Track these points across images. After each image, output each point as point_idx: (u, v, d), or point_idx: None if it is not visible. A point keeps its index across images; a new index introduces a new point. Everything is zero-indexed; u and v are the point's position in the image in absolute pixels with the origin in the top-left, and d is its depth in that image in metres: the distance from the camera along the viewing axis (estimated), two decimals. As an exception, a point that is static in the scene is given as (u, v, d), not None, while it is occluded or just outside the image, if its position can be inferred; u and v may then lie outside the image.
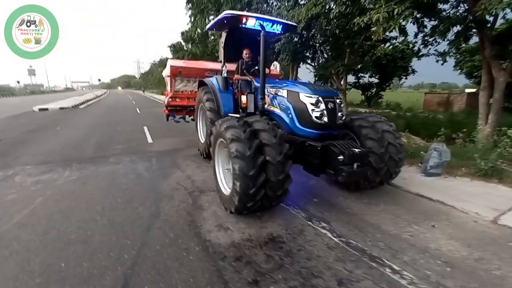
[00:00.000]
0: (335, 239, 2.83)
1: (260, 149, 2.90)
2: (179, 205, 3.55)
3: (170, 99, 6.61)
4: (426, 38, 9.17)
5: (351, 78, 27.28)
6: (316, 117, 3.31)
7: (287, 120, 3.66)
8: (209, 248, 2.62)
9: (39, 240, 2.75)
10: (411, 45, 20.48)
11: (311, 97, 3.35)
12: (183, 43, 25.23)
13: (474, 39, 8.72)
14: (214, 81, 5.27)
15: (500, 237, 2.94)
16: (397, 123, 13.17)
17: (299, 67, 18.41)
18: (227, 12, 4.54)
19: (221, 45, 5.51)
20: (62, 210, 3.41)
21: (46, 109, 15.46)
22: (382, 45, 21.08)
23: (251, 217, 3.23)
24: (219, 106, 4.94)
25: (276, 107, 3.89)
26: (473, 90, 27.37)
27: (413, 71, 24.33)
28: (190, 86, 6.80)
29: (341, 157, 3.00)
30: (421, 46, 10.25)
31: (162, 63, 45.89)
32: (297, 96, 3.48)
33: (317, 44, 13.87)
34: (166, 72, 6.73)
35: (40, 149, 6.41)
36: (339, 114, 3.45)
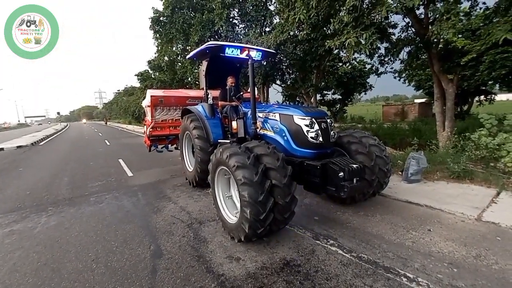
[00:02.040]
0: (346, 255, 2.88)
1: (265, 173, 2.94)
2: (181, 240, 3.38)
3: (151, 129, 6.43)
4: (381, 58, 10.23)
5: (317, 96, 28.89)
6: (312, 137, 3.46)
7: (282, 142, 3.77)
8: (225, 283, 2.51)
9: (30, 301, 2.42)
10: (366, 65, 22.58)
11: (304, 118, 3.52)
12: (150, 71, 24.99)
13: (424, 57, 9.95)
14: (200, 108, 5.29)
15: (487, 233, 3.23)
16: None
17: (269, 88, 19.20)
18: (210, 43, 4.70)
19: (202, 73, 5.61)
20: (48, 262, 3.05)
21: (1, 149, 13.96)
22: (343, 65, 22.94)
23: (260, 244, 3.18)
24: (208, 133, 4.94)
25: (270, 131, 3.99)
26: (423, 100, 30.49)
27: (371, 87, 26.58)
28: (170, 114, 6.71)
29: (341, 173, 3.14)
30: (379, 66, 11.41)
31: (128, 92, 44.61)
32: (291, 118, 3.63)
33: (284, 67, 14.69)
34: (146, 102, 6.60)
35: (4, 195, 5.74)
36: (332, 133, 3.66)
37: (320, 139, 3.49)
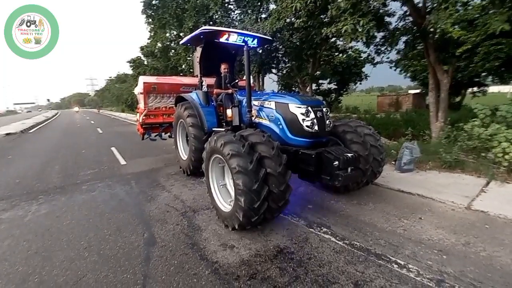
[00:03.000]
0: (339, 242, 2.92)
1: (260, 162, 2.92)
2: (175, 228, 3.37)
3: (144, 117, 6.30)
4: (378, 47, 10.14)
5: (312, 86, 28.79)
6: (307, 126, 3.43)
7: (277, 130, 3.73)
8: (219, 270, 2.52)
9: (21, 291, 2.40)
10: (362, 54, 22.42)
11: (300, 107, 3.47)
12: (143, 58, 24.38)
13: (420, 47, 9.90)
14: (194, 96, 5.19)
15: (476, 221, 3.30)
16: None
17: (265, 76, 18.98)
18: (204, 28, 4.56)
19: (196, 60, 5.47)
20: (39, 251, 3.01)
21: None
22: (339, 54, 22.77)
23: (254, 232, 3.19)
24: (202, 122, 4.87)
25: (265, 119, 3.95)
26: (417, 91, 30.64)
27: (366, 77, 26.53)
28: (164, 102, 6.58)
29: (336, 162, 3.14)
30: (375, 55, 11.32)
31: (120, 79, 43.57)
32: (287, 107, 3.58)
33: (280, 55, 14.49)
34: (138, 89, 6.43)
35: (-6, 183, 5.62)
36: (327, 121, 3.63)
37: (316, 128, 3.47)
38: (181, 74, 17.83)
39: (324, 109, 3.66)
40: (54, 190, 5.05)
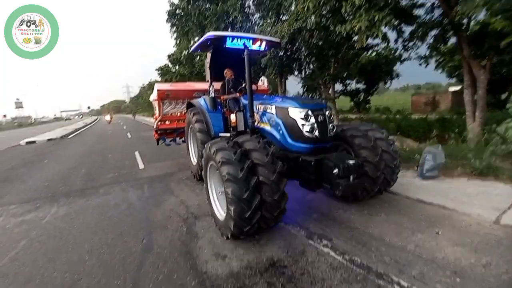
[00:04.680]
0: (338, 257, 2.69)
1: (253, 169, 2.81)
2: (173, 235, 3.38)
3: (159, 123, 6.51)
4: (405, 43, 9.46)
5: (338, 86, 27.90)
6: (307, 131, 3.25)
7: (278, 136, 3.59)
8: (206, 282, 2.45)
9: (21, 291, 2.53)
10: (393, 51, 21.18)
11: (300, 111, 3.30)
12: (170, 65, 25.49)
13: (452, 41, 9.04)
14: (202, 101, 5.23)
15: (504, 238, 2.86)
16: (387, 127, 13.25)
17: (287, 79, 18.74)
18: (210, 34, 4.58)
19: (207, 65, 5.51)
20: (47, 252, 3.19)
21: (34, 141, 15.09)
22: (366, 53, 21.79)
23: (250, 241, 3.07)
24: (208, 127, 4.87)
25: (266, 124, 3.83)
26: (457, 88, 28.20)
27: (397, 75, 24.98)
28: (178, 108, 6.74)
29: (336, 170, 2.92)
30: (402, 51, 10.59)
31: (151, 86, 46.10)
32: (286, 111, 3.43)
33: (303, 57, 14.19)
34: (153, 96, 6.67)
35: (25, 186, 6.15)
36: (330, 126, 3.41)
37: (316, 133, 3.27)
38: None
39: (327, 113, 3.44)
40: (75, 193, 5.39)
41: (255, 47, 4.52)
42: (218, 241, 3.13)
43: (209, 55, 5.39)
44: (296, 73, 16.25)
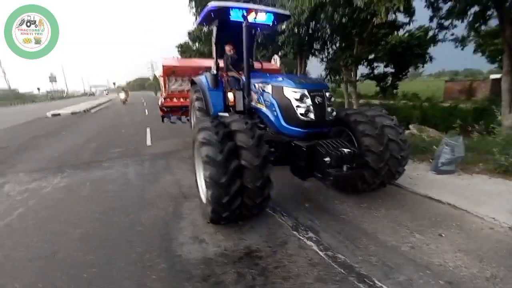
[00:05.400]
0: (320, 253, 2.48)
1: (236, 152, 2.60)
2: (158, 214, 3.32)
3: (164, 100, 6.42)
4: (441, 21, 8.42)
5: (364, 69, 26.29)
6: (302, 113, 2.94)
7: (272, 118, 3.32)
8: (176, 266, 2.36)
9: (3, 256, 2.60)
10: (427, 32, 19.26)
11: (295, 91, 2.98)
12: (190, 43, 25.18)
13: (495, 21, 7.89)
14: (203, 79, 5.00)
15: (520, 248, 2.47)
16: (411, 115, 12.31)
17: (308, 59, 17.81)
18: (212, 4, 4.24)
19: (213, 40, 5.22)
20: (38, 222, 3.27)
21: (59, 114, 15.88)
22: (397, 33, 20.01)
23: (232, 227, 2.93)
24: (207, 106, 4.67)
25: (262, 104, 3.55)
26: (499, 75, 25.46)
27: (431, 59, 22.89)
28: (185, 85, 6.56)
29: (327, 158, 2.63)
30: (437, 31, 9.51)
31: (173, 63, 46.27)
32: (281, 91, 3.13)
33: (326, 35, 13.28)
34: (159, 72, 6.54)
35: (39, 156, 6.45)
36: (329, 109, 3.06)
37: (312, 116, 2.95)
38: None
39: (327, 94, 3.08)
40: (81, 165, 5.53)
41: (259, 19, 4.12)
42: (200, 224, 3.03)
43: (214, 29, 5.08)
44: (317, 53, 15.40)
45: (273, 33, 12.58)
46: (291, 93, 3.01)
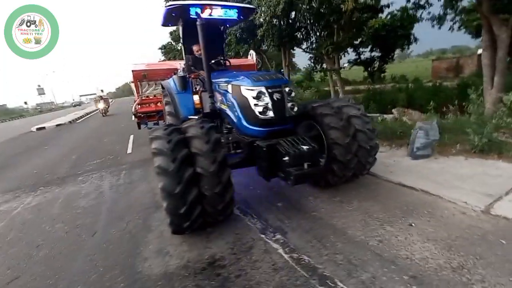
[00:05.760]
0: (285, 255, 2.39)
1: (191, 160, 2.49)
2: (126, 227, 3.22)
3: (138, 106, 6.25)
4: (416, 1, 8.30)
5: (351, 55, 26.14)
6: (260, 112, 2.82)
7: (234, 118, 3.20)
8: (136, 284, 2.26)
9: (-42, 289, 2.48)
10: (406, 13, 19.07)
11: (252, 89, 2.86)
12: (173, 43, 24.74)
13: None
14: (171, 82, 4.84)
15: (490, 232, 2.41)
16: (397, 98, 12.20)
17: (292, 50, 17.60)
18: (169, 4, 4.07)
19: (181, 40, 5.04)
20: (3, 246, 3.15)
21: (43, 128, 15.55)
22: (380, 16, 19.84)
23: (200, 235, 2.84)
24: (176, 109, 4.53)
25: (226, 105, 3.42)
26: (485, 50, 25.34)
27: (415, 39, 22.78)
28: (158, 89, 6.39)
29: (286, 158, 2.53)
30: (413, 10, 9.41)
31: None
32: (239, 90, 3.00)
33: (307, 25, 13.10)
34: (130, 78, 6.36)
35: (15, 175, 6.27)
36: (289, 105, 2.94)
37: (271, 114, 2.84)
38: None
39: (286, 89, 2.96)
40: (55, 181, 5.38)
41: (216, 15, 3.94)
42: (167, 236, 2.91)
43: (180, 29, 4.90)
44: (304, 44, 15.22)
45: (252, 27, 12.38)
46: (248, 91, 2.88)
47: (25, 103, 62.61)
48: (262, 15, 10.67)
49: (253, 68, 7.25)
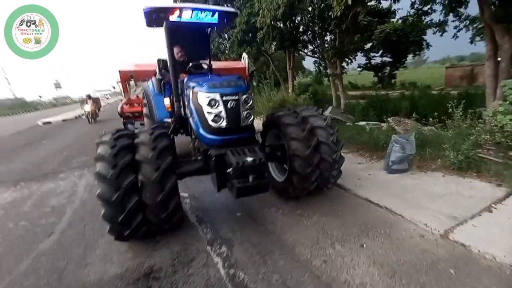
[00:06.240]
0: (222, 271, 2.31)
1: (135, 167, 2.44)
2: (82, 230, 3.20)
3: (124, 106, 6.29)
4: (416, 6, 8.03)
5: (361, 59, 25.74)
6: (212, 120, 2.75)
7: (193, 125, 3.14)
8: (65, 292, 2.23)
9: None
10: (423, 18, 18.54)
11: (207, 96, 2.79)
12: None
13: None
14: (150, 84, 4.84)
15: (443, 259, 2.24)
16: (399, 106, 11.79)
17: (297, 54, 17.41)
18: (147, 7, 4.05)
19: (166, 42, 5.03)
20: (-35, 243, 3.20)
21: (50, 122, 15.99)
22: (392, 20, 19.43)
23: (148, 243, 2.78)
24: (152, 112, 4.52)
25: (188, 110, 3.37)
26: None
27: (428, 45, 22.16)
28: (147, 90, 6.41)
29: (229, 169, 2.44)
30: (415, 17, 9.13)
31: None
32: (196, 96, 2.94)
33: (310, 28, 12.97)
34: (118, 78, 6.41)
35: (5, 169, 6.42)
36: (244, 114, 2.85)
37: (223, 123, 2.76)
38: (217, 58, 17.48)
39: (243, 97, 2.87)
40: (38, 177, 5.46)
41: (185, 18, 3.85)
42: (117, 241, 2.87)
43: (165, 30, 4.89)
44: (309, 47, 15.09)
45: (254, 29, 12.32)
46: (203, 98, 2.81)
47: (40, 97, 64.65)
48: (264, 18, 10.61)
49: (243, 72, 7.19)
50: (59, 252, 2.81)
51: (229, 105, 2.77)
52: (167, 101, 3.99)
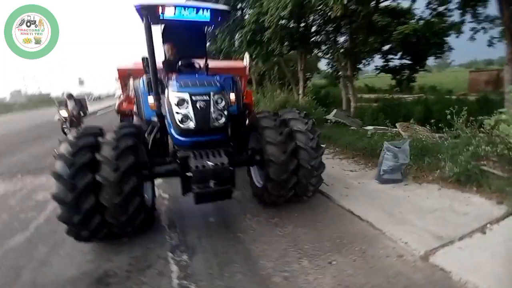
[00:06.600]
0: (175, 281, 2.17)
1: (96, 167, 2.36)
2: (57, 227, 3.13)
3: (120, 104, 6.32)
4: (430, 6, 7.57)
5: (379, 61, 24.91)
6: (179, 120, 2.64)
7: (167, 124, 3.04)
8: (18, 291, 2.18)
9: None
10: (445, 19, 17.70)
11: (176, 96, 2.68)
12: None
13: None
14: (141, 82, 4.80)
15: (418, 285, 2.00)
16: (411, 111, 11.26)
17: (309, 56, 17.03)
18: (137, 4, 4.00)
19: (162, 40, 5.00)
20: None
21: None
22: (409, 22, 18.63)
23: (113, 244, 2.70)
24: (140, 110, 4.47)
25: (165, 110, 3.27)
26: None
27: (450, 48, 21.06)
28: (146, 88, 6.42)
29: (189, 173, 2.31)
30: (430, 17, 8.64)
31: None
32: (168, 95, 2.83)
33: (330, 30, 12.63)
34: (115, 76, 6.45)
35: (8, 161, 6.64)
36: (215, 115, 2.71)
37: (191, 124, 2.63)
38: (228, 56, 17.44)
39: (214, 97, 2.73)
40: (36, 171, 5.56)
41: (168, 15, 3.73)
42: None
43: (161, 27, 4.84)
44: (317, 47, 14.75)
45: (263, 29, 12.15)
46: (173, 98, 2.71)
47: (63, 94, 67.69)
48: (272, 17, 10.43)
49: (242, 72, 7.04)
50: (26, 249, 2.79)
51: (198, 105, 2.64)
52: (151, 99, 3.92)
